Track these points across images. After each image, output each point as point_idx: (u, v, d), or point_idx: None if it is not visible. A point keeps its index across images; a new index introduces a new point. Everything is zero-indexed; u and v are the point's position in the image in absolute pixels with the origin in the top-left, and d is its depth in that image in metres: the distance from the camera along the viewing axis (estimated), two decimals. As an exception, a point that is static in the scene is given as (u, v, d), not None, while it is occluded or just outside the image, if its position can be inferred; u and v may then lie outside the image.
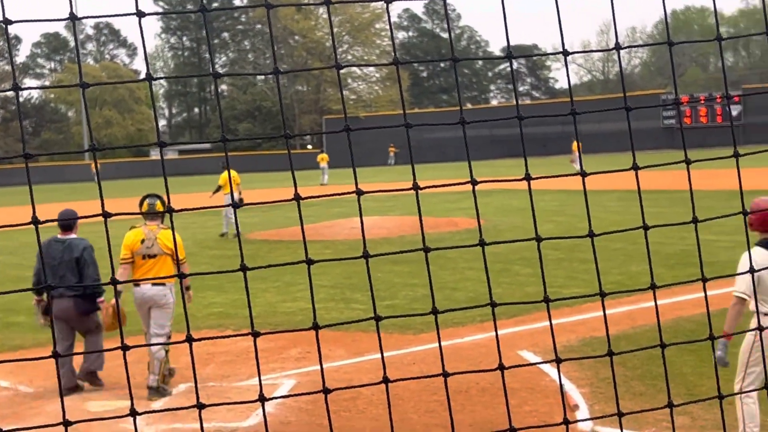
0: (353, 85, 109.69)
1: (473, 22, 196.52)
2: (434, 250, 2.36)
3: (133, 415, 2.43)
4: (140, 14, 2.40)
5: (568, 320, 12.09)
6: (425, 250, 2.32)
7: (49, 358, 2.43)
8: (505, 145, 74.80)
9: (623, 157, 58.69)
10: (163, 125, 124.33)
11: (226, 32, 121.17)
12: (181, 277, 2.64)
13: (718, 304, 12.01)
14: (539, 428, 3.22)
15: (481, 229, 2.52)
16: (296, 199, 2.21)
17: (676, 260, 16.48)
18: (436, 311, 2.39)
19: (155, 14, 2.47)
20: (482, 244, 2.35)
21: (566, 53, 2.34)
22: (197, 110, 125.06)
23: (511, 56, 2.32)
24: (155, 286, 10.15)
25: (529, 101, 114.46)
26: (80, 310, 10.46)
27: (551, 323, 2.66)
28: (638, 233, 2.86)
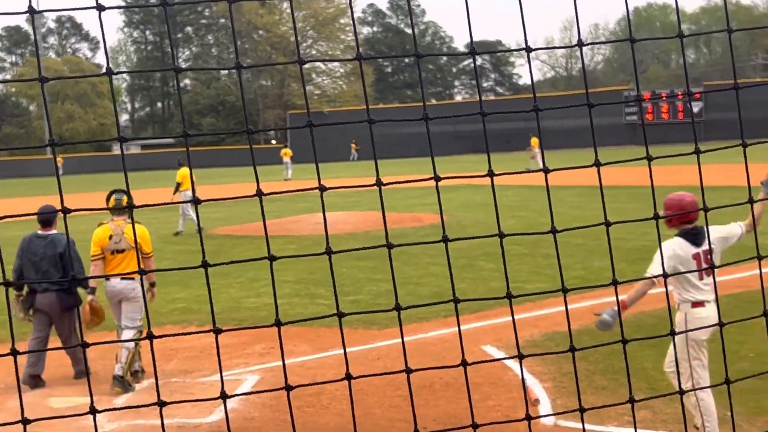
0: (317, 80, 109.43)
1: (438, 17, 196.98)
2: (396, 246, 2.35)
3: (93, 412, 2.41)
4: (100, 8, 2.38)
5: (531, 315, 12.15)
6: (388, 246, 2.32)
7: (6, 355, 2.40)
8: (469, 140, 74.95)
9: (586, 153, 59.05)
10: (125, 120, 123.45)
11: (189, 26, 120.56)
12: (141, 273, 2.61)
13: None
14: (501, 424, 3.22)
15: (444, 224, 2.52)
16: (258, 194, 2.20)
17: (637, 255, 16.58)
18: (399, 307, 2.39)
19: (116, 8, 2.44)
20: (445, 240, 2.35)
21: (529, 49, 2.35)
22: (160, 105, 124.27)
23: (474, 52, 2.32)
24: (124, 280, 10.29)
25: (493, 97, 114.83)
26: (64, 305, 10.51)
27: (513, 319, 2.67)
28: (600, 229, 2.87)
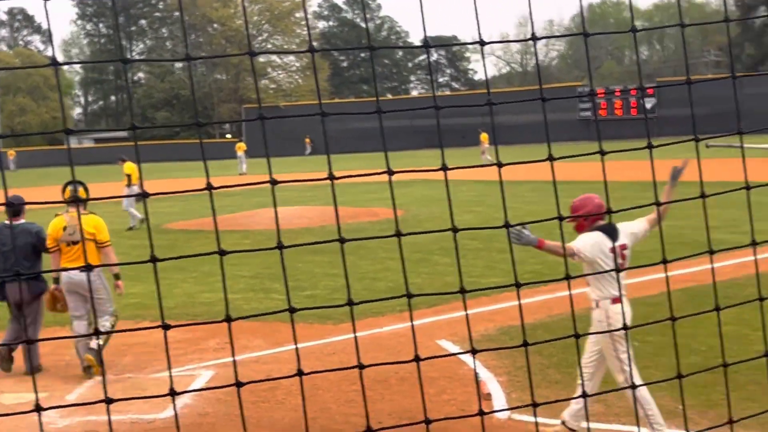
0: (273, 74, 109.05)
1: (394, 13, 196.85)
2: (349, 240, 2.34)
3: (37, 410, 2.37)
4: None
5: (486, 309, 12.20)
6: (341, 240, 2.31)
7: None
8: (425, 135, 75.07)
9: (540, 148, 59.38)
10: (78, 113, 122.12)
11: (143, 20, 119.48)
12: (87, 270, 2.58)
13: (630, 293, 12.23)
14: (454, 419, 3.23)
15: (397, 219, 2.51)
16: (208, 188, 2.18)
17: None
18: (351, 303, 2.38)
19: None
20: (398, 234, 2.34)
21: (482, 43, 2.34)
22: (114, 98, 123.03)
23: (428, 45, 2.31)
24: (83, 271, 10.21)
25: (448, 92, 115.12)
26: (34, 292, 10.62)
27: (467, 313, 2.67)
28: (554, 224, 2.88)
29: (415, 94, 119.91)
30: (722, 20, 2.76)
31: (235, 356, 10.59)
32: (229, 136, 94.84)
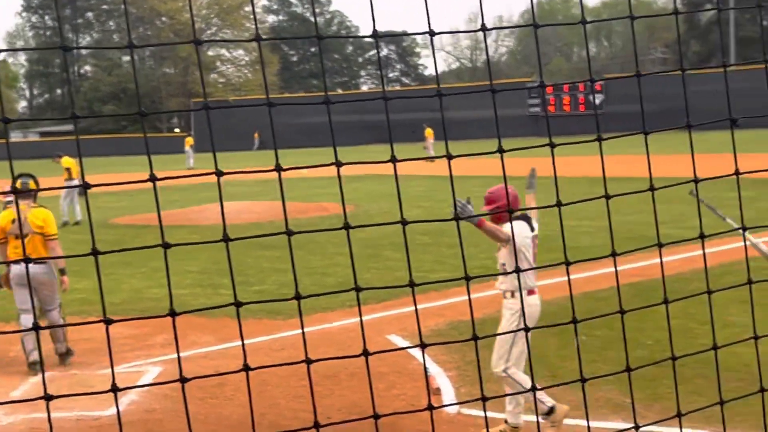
0: (222, 68, 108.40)
1: (344, 7, 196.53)
2: (297, 233, 2.31)
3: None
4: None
5: (436, 304, 12.21)
6: (288, 233, 2.28)
7: None
8: (375, 130, 75.04)
9: (490, 143, 59.50)
10: (23, 106, 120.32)
11: (90, 12, 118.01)
12: (26, 262, 2.53)
13: (579, 287, 12.36)
14: (404, 414, 3.21)
15: (345, 212, 2.48)
16: (151, 179, 2.14)
17: (539, 245, 16.81)
18: (299, 296, 2.35)
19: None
20: (347, 227, 2.31)
21: (432, 33, 2.33)
22: (60, 91, 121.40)
23: (376, 35, 2.29)
24: (36, 264, 10.25)
25: (398, 87, 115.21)
26: None
27: (416, 307, 2.65)
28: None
29: (365, 89, 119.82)
30: (671, 13, 2.77)
31: (182, 352, 10.46)
32: (177, 130, 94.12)
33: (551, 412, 7.38)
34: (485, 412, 2.61)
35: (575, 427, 7.44)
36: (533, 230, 7.54)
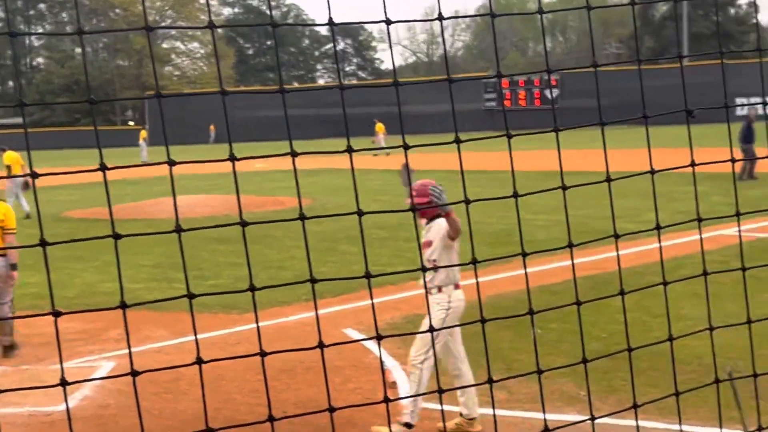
0: (177, 61, 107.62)
1: (300, 1, 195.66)
2: (251, 224, 2.28)
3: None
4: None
5: (392, 298, 12.21)
6: (242, 224, 2.24)
7: None
8: (331, 124, 74.94)
9: (446, 137, 59.69)
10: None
11: (42, 3, 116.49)
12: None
13: (535, 281, 12.42)
14: (359, 406, 3.20)
15: (300, 200, 2.46)
16: (101, 169, 2.09)
17: (496, 239, 16.89)
18: (253, 288, 2.32)
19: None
20: (302, 218, 2.29)
21: (389, 22, 2.31)
22: (12, 84, 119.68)
23: (332, 23, 2.26)
24: None
25: (355, 81, 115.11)
26: None
27: (372, 300, 2.64)
28: (460, 213, 2.86)
29: (321, 82, 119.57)
30: (628, 3, 2.77)
31: (136, 347, 10.35)
32: (131, 123, 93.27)
33: (408, 426, 7.36)
34: (441, 404, 2.60)
35: (531, 419, 7.48)
36: None
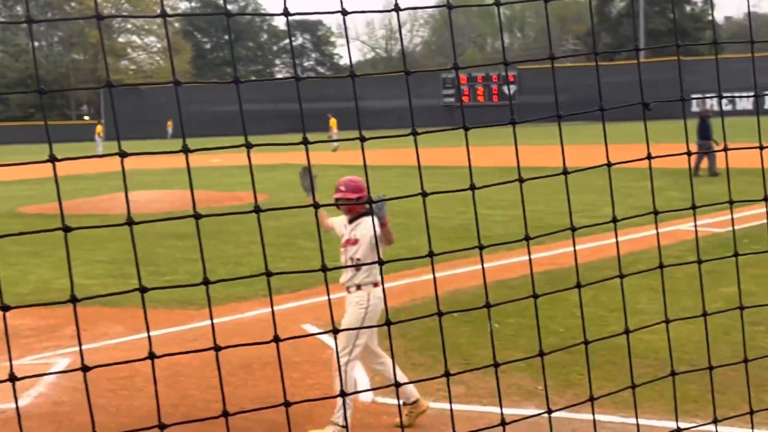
0: (133, 55, 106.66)
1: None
2: (204, 217, 2.25)
3: None
4: None
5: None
6: (195, 216, 2.22)
7: None
8: (290, 119, 74.82)
9: (404, 132, 59.83)
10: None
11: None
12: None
13: (492, 276, 12.45)
14: (315, 401, 3.18)
15: (256, 196, 2.43)
16: (51, 160, 2.06)
17: (454, 234, 16.94)
18: (207, 282, 2.30)
19: None
20: (257, 210, 2.27)
21: (344, 12, 2.29)
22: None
23: (287, 14, 2.24)
24: None
25: (314, 75, 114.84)
26: None
27: (329, 295, 2.62)
28: (419, 209, 2.85)
29: (279, 77, 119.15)
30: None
31: (92, 343, 10.23)
32: (87, 118, 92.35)
33: (344, 427, 7.34)
34: (398, 399, 2.59)
35: (489, 413, 7.49)
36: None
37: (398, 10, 2.35)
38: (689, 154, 3.22)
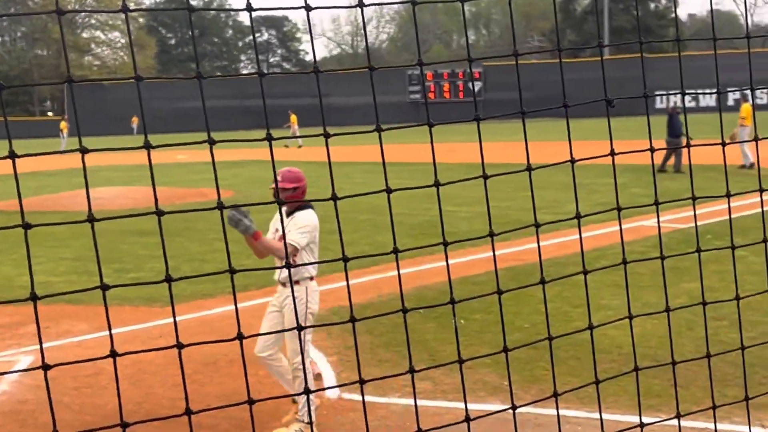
0: (97, 50, 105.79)
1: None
2: (167, 213, 2.24)
3: None
4: None
5: (316, 290, 12.15)
6: (158, 213, 2.20)
7: None
8: (255, 116, 74.53)
9: (370, 128, 59.81)
10: None
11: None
12: None
13: (458, 272, 12.49)
14: (278, 398, 3.17)
15: (219, 192, 2.42)
16: (10, 156, 2.04)
17: (419, 230, 16.96)
18: (169, 279, 2.28)
19: None
20: (220, 207, 2.26)
21: (308, 8, 2.28)
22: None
23: (250, 9, 2.23)
24: None
25: (279, 71, 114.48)
26: None
27: (293, 292, 2.61)
28: (385, 205, 2.85)
29: (245, 72, 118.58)
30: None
31: (55, 340, 10.13)
32: (50, 114, 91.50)
33: (310, 424, 7.26)
34: (363, 395, 2.59)
35: (454, 409, 7.52)
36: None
37: (363, 6, 2.35)
38: (653, 150, 3.24)
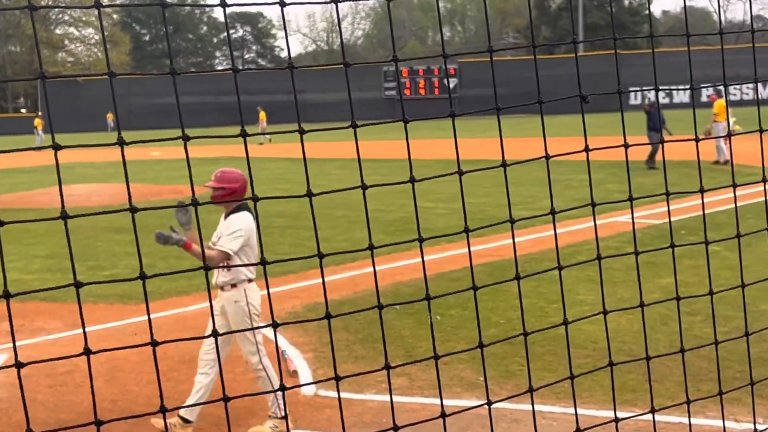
0: (71, 47, 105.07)
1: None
2: (142, 210, 2.23)
3: None
4: None
5: (293, 287, 12.16)
6: (131, 210, 2.19)
7: None
8: (230, 112, 74.31)
9: (345, 125, 59.75)
10: None
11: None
12: None
13: (434, 268, 12.50)
14: (255, 395, 3.17)
15: (194, 189, 2.41)
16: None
17: (395, 227, 16.97)
18: (143, 276, 2.27)
19: None
20: (194, 204, 2.25)
21: (283, 4, 2.28)
22: None
23: (224, 5, 2.22)
24: None
25: (254, 68, 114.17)
26: None
27: (268, 289, 2.61)
28: (361, 201, 2.85)
29: (219, 69, 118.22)
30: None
31: (29, 339, 10.06)
32: (24, 110, 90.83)
33: (285, 418, 7.10)
34: (338, 392, 2.59)
35: (430, 405, 7.53)
36: (257, 218, 7.40)
37: (337, 1, 2.35)
38: (627, 146, 3.25)
